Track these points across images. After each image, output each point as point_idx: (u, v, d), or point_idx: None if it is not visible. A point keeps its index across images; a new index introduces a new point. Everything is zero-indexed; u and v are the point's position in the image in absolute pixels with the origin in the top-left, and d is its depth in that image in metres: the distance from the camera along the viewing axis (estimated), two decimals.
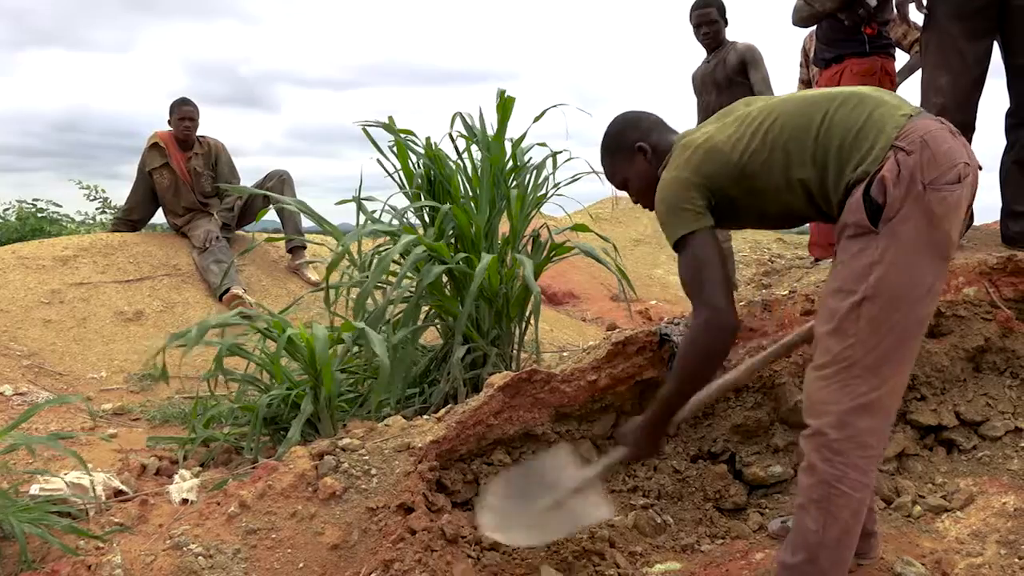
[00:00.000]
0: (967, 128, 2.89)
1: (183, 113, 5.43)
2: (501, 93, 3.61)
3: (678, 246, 1.84)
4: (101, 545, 2.17)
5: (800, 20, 3.98)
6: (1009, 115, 2.95)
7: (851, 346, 1.68)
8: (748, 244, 9.00)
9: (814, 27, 4.10)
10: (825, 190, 1.73)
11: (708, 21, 4.34)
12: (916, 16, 3.50)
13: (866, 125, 1.69)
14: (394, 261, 3.28)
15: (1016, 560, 1.99)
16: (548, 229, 3.68)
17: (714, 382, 2.04)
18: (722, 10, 4.37)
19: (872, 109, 1.72)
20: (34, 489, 2.44)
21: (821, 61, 3.98)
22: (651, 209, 2.02)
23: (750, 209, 1.87)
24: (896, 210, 1.63)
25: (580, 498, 2.05)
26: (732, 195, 1.83)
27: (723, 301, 1.77)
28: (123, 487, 2.62)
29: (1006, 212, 2.98)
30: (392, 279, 3.30)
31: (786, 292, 2.85)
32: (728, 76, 4.28)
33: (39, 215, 8.62)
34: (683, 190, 1.83)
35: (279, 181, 5.57)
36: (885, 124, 1.69)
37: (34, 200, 8.81)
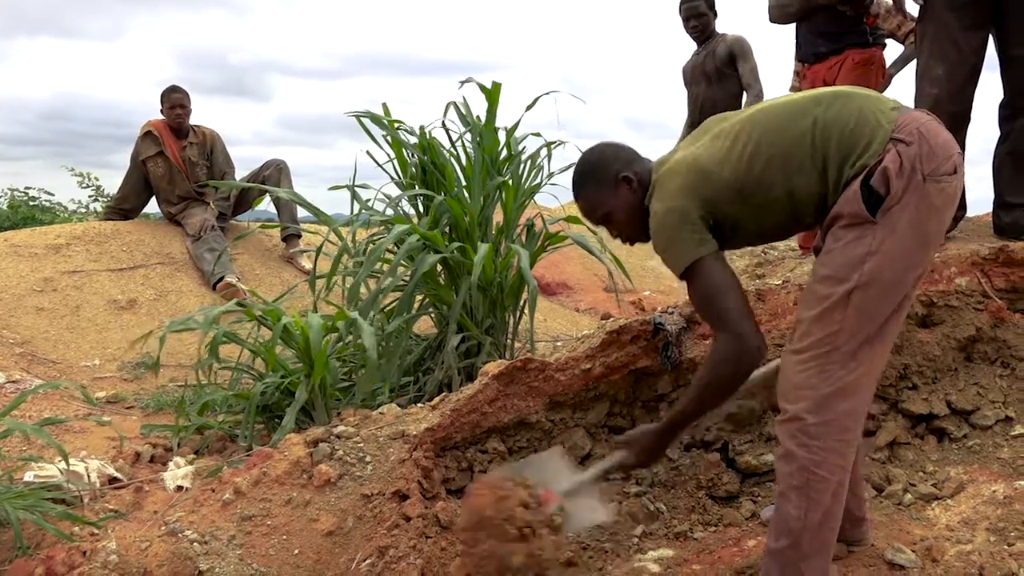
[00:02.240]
0: (962, 119, 2.90)
1: (173, 101, 5.40)
2: (483, 87, 3.58)
3: (685, 275, 1.80)
4: (96, 531, 2.17)
5: (787, 16, 3.88)
6: (1003, 106, 2.96)
7: (835, 333, 1.69)
8: None
9: None
10: (826, 191, 1.73)
11: (697, 14, 4.34)
12: (912, 7, 3.50)
13: (859, 121, 1.70)
14: (388, 250, 3.28)
15: (1005, 547, 2.01)
16: (542, 219, 3.68)
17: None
18: (711, 2, 4.37)
19: (860, 105, 1.72)
20: (28, 476, 2.44)
21: (812, 55, 3.91)
22: (633, 243, 2.01)
23: (750, 225, 1.83)
24: (897, 200, 1.64)
25: (578, 502, 2.01)
26: (731, 213, 1.80)
27: (746, 326, 1.74)
28: (117, 474, 2.62)
29: (999, 203, 2.99)
30: (388, 268, 3.30)
31: (779, 282, 2.86)
32: (717, 68, 4.28)
33: (31, 203, 8.58)
34: (680, 217, 1.79)
35: (276, 170, 5.57)
36: (879, 118, 1.70)
37: (26, 188, 8.78)
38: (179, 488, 2.51)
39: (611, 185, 1.94)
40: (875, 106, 1.72)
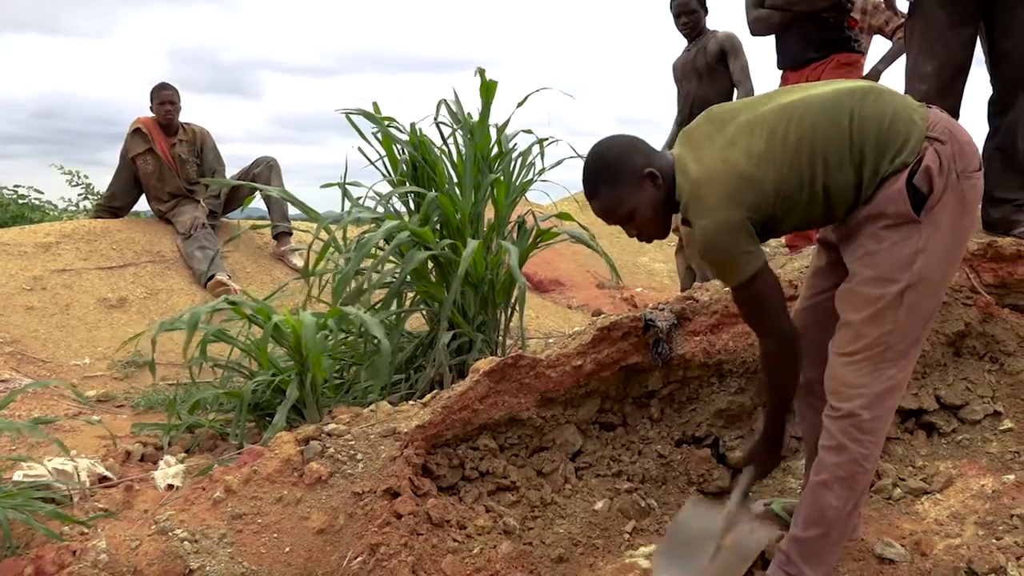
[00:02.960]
0: (951, 115, 2.91)
1: (163, 97, 5.38)
2: (482, 73, 3.58)
3: (740, 287, 1.82)
4: (86, 531, 2.16)
5: (769, 28, 3.88)
6: (992, 102, 2.96)
7: (890, 332, 1.73)
8: None
9: None
10: (860, 188, 1.73)
11: (688, 11, 4.34)
12: (901, 3, 3.51)
13: (895, 117, 1.71)
14: (379, 248, 3.28)
15: (993, 540, 2.02)
16: (534, 215, 3.68)
17: None
18: None
19: (893, 101, 1.74)
20: (17, 475, 2.43)
21: (800, 62, 3.89)
22: (651, 241, 1.98)
23: (786, 221, 1.82)
24: (938, 199, 1.68)
25: (736, 532, 2.07)
26: (770, 213, 1.78)
27: (788, 324, 1.85)
28: (107, 473, 2.62)
29: (988, 198, 2.99)
30: (374, 262, 3.29)
31: None
32: (708, 64, 4.28)
33: (20, 201, 8.53)
34: (734, 233, 1.75)
35: (266, 167, 5.55)
36: (912, 115, 1.72)
37: (15, 186, 8.72)
38: (170, 487, 2.50)
39: (634, 181, 1.86)
40: (906, 103, 1.75)
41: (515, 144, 3.70)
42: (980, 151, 2.98)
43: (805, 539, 1.85)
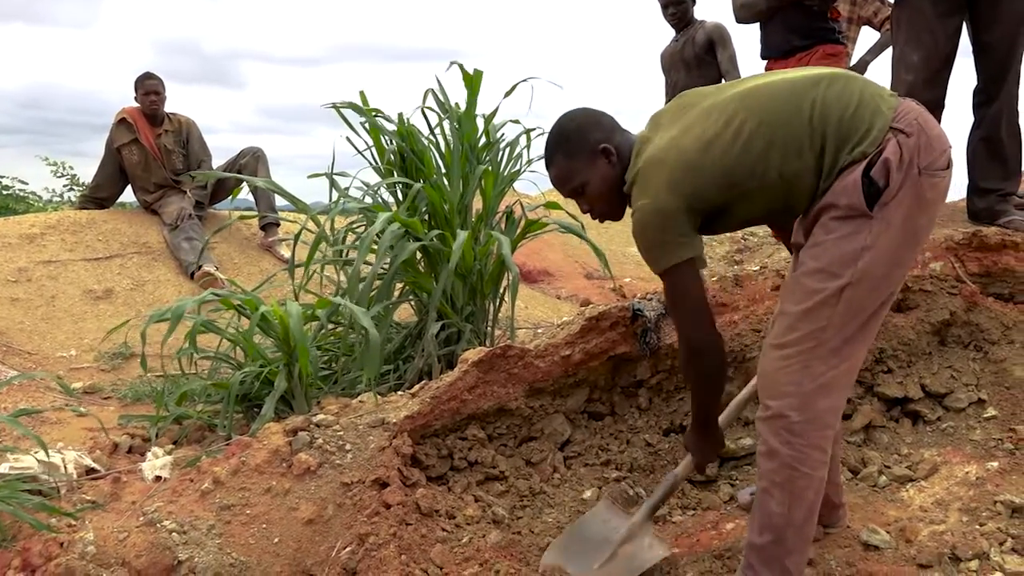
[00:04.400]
0: (937, 105, 2.93)
1: (148, 87, 5.33)
2: (468, 73, 3.56)
3: (663, 275, 1.78)
4: (73, 522, 2.15)
5: (754, 15, 3.88)
6: (977, 92, 2.98)
7: (823, 328, 1.65)
8: None
9: None
10: (819, 176, 1.66)
11: (676, 1, 4.33)
12: None
13: (861, 104, 1.64)
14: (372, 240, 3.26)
15: (977, 527, 2.04)
16: (522, 206, 3.68)
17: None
18: None
19: (861, 88, 1.68)
20: (3, 467, 2.41)
21: (784, 51, 3.90)
22: (603, 220, 1.96)
23: (739, 211, 1.77)
24: (894, 194, 1.60)
25: (635, 543, 2.07)
26: (718, 202, 1.73)
27: (704, 330, 1.80)
28: (95, 465, 2.60)
29: (972, 188, 3.02)
30: (376, 258, 3.28)
31: (757, 268, 2.89)
32: (696, 55, 4.28)
33: (5, 192, 8.46)
34: (666, 219, 1.72)
35: (253, 158, 5.51)
36: (879, 104, 1.65)
37: None
38: (157, 478, 2.49)
39: (588, 155, 1.85)
40: (875, 91, 1.68)
41: (503, 134, 3.69)
42: (966, 143, 3.04)
43: (760, 546, 1.77)
